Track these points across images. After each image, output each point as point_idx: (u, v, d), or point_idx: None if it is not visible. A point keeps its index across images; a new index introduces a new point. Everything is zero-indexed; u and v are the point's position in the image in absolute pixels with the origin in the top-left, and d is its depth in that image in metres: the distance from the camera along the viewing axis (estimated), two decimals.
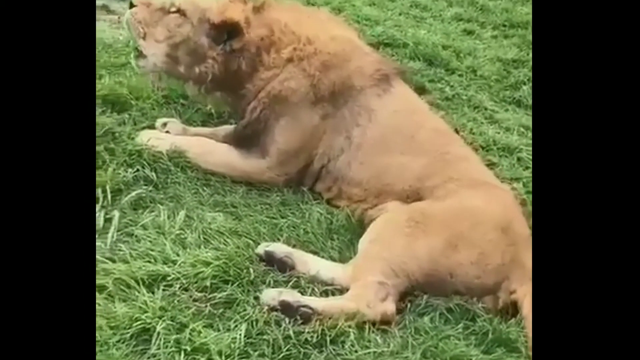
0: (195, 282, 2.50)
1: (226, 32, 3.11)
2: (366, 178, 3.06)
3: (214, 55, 3.13)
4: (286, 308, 2.43)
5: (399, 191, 3.00)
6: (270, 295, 2.47)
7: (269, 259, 2.67)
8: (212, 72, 3.15)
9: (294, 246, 2.79)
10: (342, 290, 2.63)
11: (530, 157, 3.83)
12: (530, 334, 2.56)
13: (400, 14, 5.27)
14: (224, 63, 3.14)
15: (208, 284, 2.49)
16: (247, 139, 3.15)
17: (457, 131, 3.84)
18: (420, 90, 4.27)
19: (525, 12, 5.64)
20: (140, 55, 3.22)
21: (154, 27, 3.16)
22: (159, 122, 3.32)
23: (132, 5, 3.19)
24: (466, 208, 2.84)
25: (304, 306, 2.43)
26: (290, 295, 2.47)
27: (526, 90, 4.51)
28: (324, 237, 2.91)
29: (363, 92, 3.13)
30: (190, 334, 2.26)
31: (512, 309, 2.69)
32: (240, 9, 3.16)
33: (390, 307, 2.56)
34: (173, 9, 3.15)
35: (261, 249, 2.70)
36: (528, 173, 3.71)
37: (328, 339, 2.38)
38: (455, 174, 3.00)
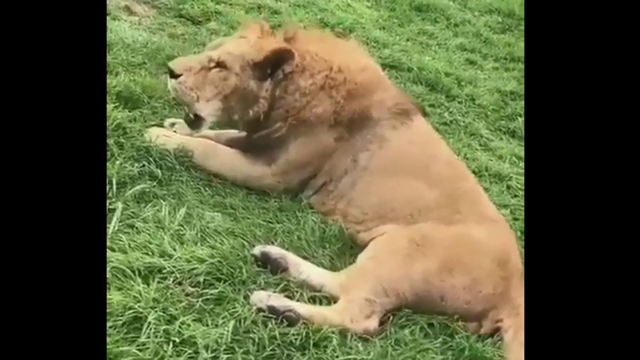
0: (189, 277, 2.48)
1: (271, 64, 3.07)
2: (369, 202, 3.01)
3: (264, 94, 3.09)
4: (273, 312, 2.41)
5: (403, 217, 2.94)
6: (259, 297, 2.46)
7: (264, 259, 2.66)
8: (263, 110, 3.11)
9: (287, 250, 2.78)
10: (330, 298, 2.61)
11: (519, 186, 3.84)
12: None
13: (407, 40, 5.27)
14: (272, 96, 3.11)
15: (201, 279, 2.48)
16: (257, 147, 3.13)
17: None
18: (421, 114, 4.28)
19: None
20: (196, 120, 3.12)
21: (203, 88, 3.05)
22: (167, 121, 3.30)
23: (173, 75, 3.06)
24: (467, 236, 2.81)
25: (290, 311, 2.42)
26: (278, 301, 2.46)
27: (521, 121, 4.51)
28: (317, 245, 2.90)
29: (380, 123, 3.10)
30: (179, 326, 2.25)
31: (491, 335, 2.68)
32: (274, 41, 3.13)
33: (373, 324, 2.54)
34: (212, 64, 3.07)
35: (257, 249, 2.69)
36: (516, 201, 3.71)
37: (311, 342, 2.37)
38: (464, 208, 2.95)
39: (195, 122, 3.13)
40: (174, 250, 2.55)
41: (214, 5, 4.77)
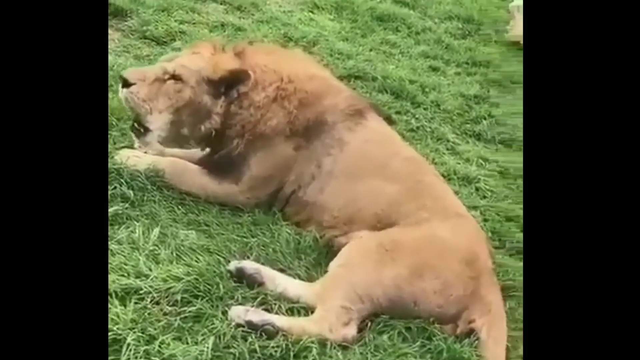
0: (167, 296, 2.47)
1: (227, 83, 3.07)
2: (337, 205, 3.03)
3: (217, 111, 3.09)
4: (251, 327, 2.41)
5: (370, 216, 2.96)
6: (237, 313, 2.45)
7: (240, 275, 2.65)
8: (215, 127, 3.11)
9: (263, 264, 2.78)
10: (307, 309, 2.61)
11: (488, 187, 3.88)
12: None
13: (370, 50, 5.30)
14: (225, 113, 3.11)
15: (179, 298, 2.46)
16: (222, 166, 3.13)
17: None
18: (387, 121, 4.30)
19: (487, 52, 5.72)
20: (144, 131, 3.08)
21: (156, 100, 3.03)
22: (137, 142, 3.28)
23: (126, 84, 3.02)
24: (435, 238, 2.82)
25: (268, 324, 2.41)
26: (256, 315, 2.46)
27: (486, 124, 4.56)
28: (292, 256, 2.89)
29: (335, 126, 3.12)
30: (159, 345, 2.23)
31: (468, 335, 2.70)
32: (230, 58, 3.14)
33: (351, 331, 2.54)
34: (167, 76, 3.06)
35: (232, 265, 2.68)
36: (485, 202, 3.75)
37: (292, 353, 2.36)
38: (428, 202, 2.97)
39: (141, 133, 3.10)
40: (150, 270, 2.53)
41: (177, 25, 4.76)
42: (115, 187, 2.91)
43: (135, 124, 3.11)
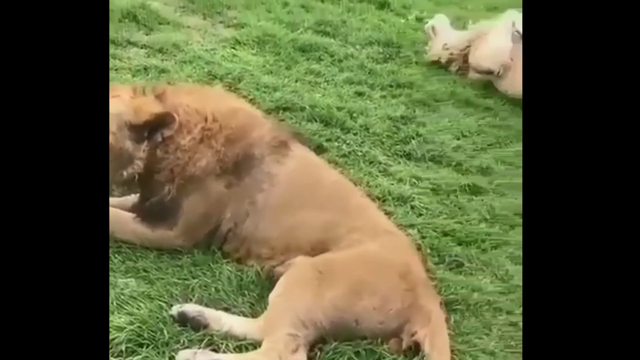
0: (111, 348, 2.41)
1: (150, 127, 3.02)
2: (273, 237, 3.04)
3: (140, 155, 3.03)
4: None
5: (305, 245, 2.98)
6: (185, 357, 2.42)
7: (183, 319, 2.62)
8: (138, 172, 3.05)
9: (206, 305, 2.75)
10: (255, 345, 2.59)
11: (422, 205, 3.93)
12: None
13: (296, 81, 5.34)
14: (148, 157, 3.05)
15: (123, 348, 2.42)
16: (154, 213, 3.08)
17: (355, 184, 3.90)
18: (319, 149, 4.32)
19: (409, 73, 5.82)
20: None
21: None
22: None
23: None
24: (368, 257, 2.86)
25: None
26: (204, 356, 2.44)
27: (415, 143, 4.63)
28: (235, 294, 2.87)
29: (264, 160, 3.13)
30: None
31: (415, 349, 2.71)
32: (152, 101, 3.09)
33: (301, 358, 2.53)
34: None
35: (174, 310, 2.65)
36: (421, 219, 3.79)
37: None
38: (357, 224, 3.02)
39: None
40: None
41: None
42: None
43: None
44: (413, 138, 4.71)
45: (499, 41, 5.76)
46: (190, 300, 2.76)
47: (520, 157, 4.65)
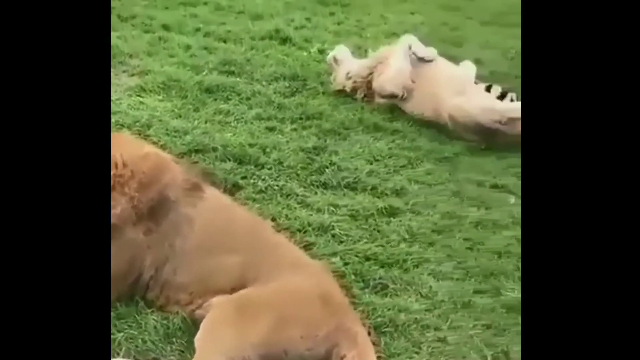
0: None
1: None
2: (191, 282, 3.01)
3: None
4: None
5: (224, 287, 2.96)
6: None
7: None
8: None
9: (134, 357, 2.68)
10: None
11: (342, 232, 3.96)
12: None
13: (206, 122, 5.31)
14: None
15: None
16: None
17: (274, 219, 3.91)
18: (235, 188, 4.32)
19: (317, 104, 5.88)
20: None
21: None
22: None
23: None
24: (288, 288, 2.88)
25: None
26: None
27: (329, 172, 4.67)
28: (163, 343, 2.82)
29: (179, 202, 3.11)
30: None
31: None
32: None
33: None
34: None
35: None
36: (343, 246, 3.82)
37: None
38: (273, 259, 3.04)
39: None
40: None
41: None
42: None
43: None
44: (327, 167, 4.76)
45: (398, 65, 5.91)
46: (118, 354, 2.69)
47: (432, 175, 4.81)
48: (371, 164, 4.93)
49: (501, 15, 10.20)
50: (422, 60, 5.88)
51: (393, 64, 5.95)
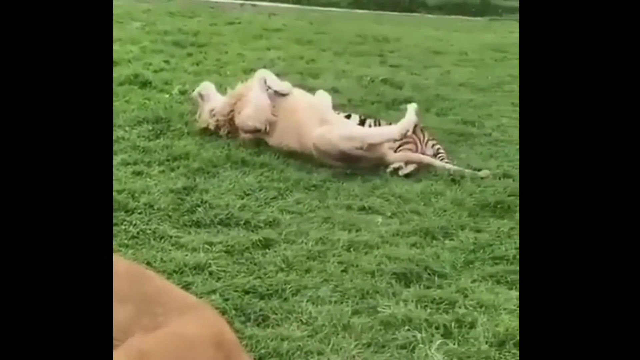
0: None
1: None
2: None
3: None
4: None
5: (115, 339, 2.84)
6: None
7: None
8: None
9: None
10: None
11: (220, 269, 3.94)
12: None
13: None
14: None
15: None
16: None
17: (148, 263, 3.83)
18: None
19: (183, 144, 5.85)
20: None
21: None
22: None
23: None
24: (179, 334, 2.80)
25: None
26: None
27: (201, 211, 4.64)
28: None
29: None
30: None
31: None
32: None
33: None
34: None
35: None
36: (221, 283, 3.80)
37: None
38: (160, 308, 2.94)
39: None
40: None
41: None
42: None
43: None
44: (198, 206, 4.72)
45: (257, 100, 6.00)
46: None
47: (302, 204, 4.88)
48: (242, 198, 4.94)
49: (353, 45, 10.60)
50: (278, 94, 5.98)
51: (252, 99, 6.03)
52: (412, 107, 5.95)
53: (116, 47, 8.89)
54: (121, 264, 3.24)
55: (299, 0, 15.37)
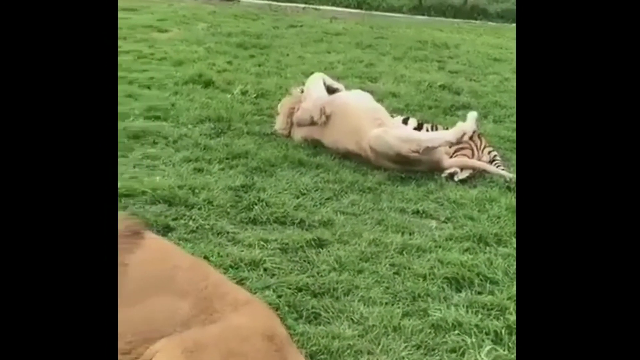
0: None
1: None
2: (130, 330, 2.91)
3: None
4: None
5: (167, 334, 2.85)
6: None
7: None
8: None
9: None
10: None
11: (274, 265, 3.97)
12: None
13: (134, 167, 5.26)
14: None
15: None
16: None
17: (206, 257, 3.88)
18: (167, 229, 4.28)
19: (242, 144, 5.91)
20: None
21: None
22: None
23: None
24: (233, 327, 2.84)
25: None
26: None
27: (258, 209, 4.68)
28: None
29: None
30: None
31: None
32: None
33: None
34: None
35: None
36: (275, 279, 3.83)
37: None
38: (218, 303, 2.98)
39: None
40: None
41: None
42: None
43: None
44: (256, 204, 4.77)
45: (315, 93, 6.09)
46: None
47: (356, 206, 4.87)
48: (298, 198, 4.97)
49: (412, 50, 10.53)
50: (332, 89, 6.12)
51: (310, 95, 6.13)
52: (472, 115, 5.89)
53: (182, 47, 9.06)
54: (185, 258, 3.28)
55: (361, 4, 15.33)
